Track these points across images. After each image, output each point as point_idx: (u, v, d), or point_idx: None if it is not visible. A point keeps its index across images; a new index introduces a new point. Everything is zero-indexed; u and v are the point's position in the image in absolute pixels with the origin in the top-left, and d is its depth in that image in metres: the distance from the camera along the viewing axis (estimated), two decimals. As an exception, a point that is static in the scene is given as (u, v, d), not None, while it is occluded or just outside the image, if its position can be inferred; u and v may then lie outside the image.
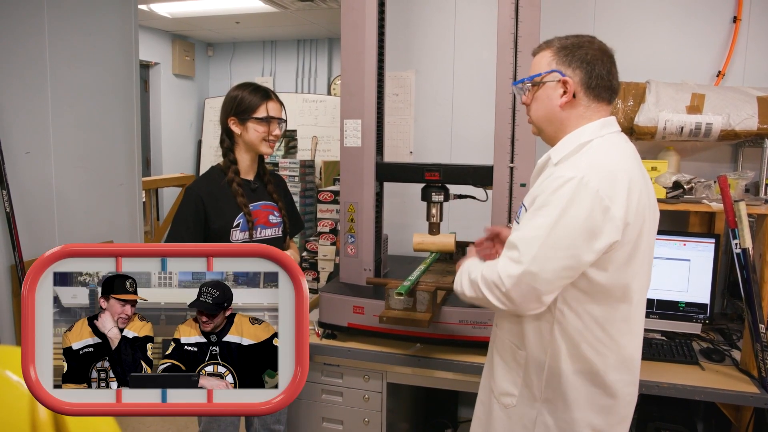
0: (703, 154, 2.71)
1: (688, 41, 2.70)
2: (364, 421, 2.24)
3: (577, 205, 1.33)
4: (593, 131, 1.45)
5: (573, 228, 1.33)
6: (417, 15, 3.02)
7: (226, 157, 2.03)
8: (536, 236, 1.36)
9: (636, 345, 1.51)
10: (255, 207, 2.04)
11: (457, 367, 2.11)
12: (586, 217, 1.33)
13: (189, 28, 6.07)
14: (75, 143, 3.11)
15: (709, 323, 2.32)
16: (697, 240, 2.32)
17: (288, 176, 4.64)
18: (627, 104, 2.51)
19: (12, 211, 2.67)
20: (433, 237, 2.29)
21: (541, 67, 1.48)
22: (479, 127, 2.87)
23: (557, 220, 1.34)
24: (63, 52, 2.99)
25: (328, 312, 2.25)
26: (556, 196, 1.35)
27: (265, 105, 2.00)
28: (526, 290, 1.36)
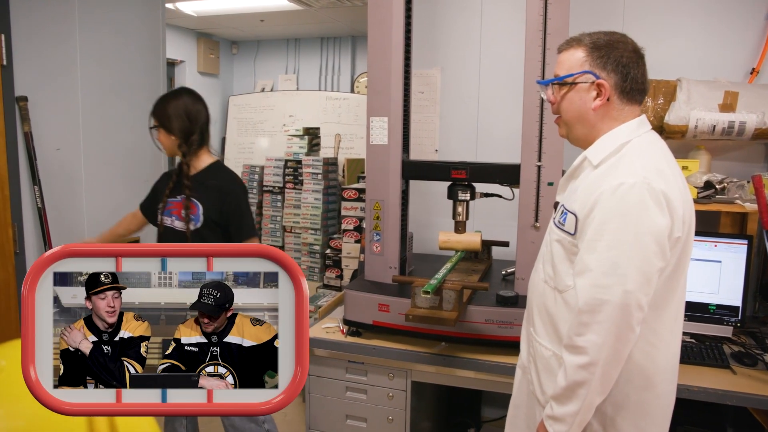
0: (735, 153, 2.66)
1: (721, 38, 2.64)
2: (387, 419, 2.24)
3: (648, 209, 1.30)
4: (631, 131, 1.43)
5: (654, 233, 1.30)
6: (443, 12, 3.00)
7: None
8: (620, 252, 1.30)
9: (679, 343, 1.50)
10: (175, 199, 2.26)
11: (481, 367, 2.09)
12: (660, 219, 1.30)
13: (214, 26, 6.12)
14: (104, 140, 3.15)
15: (741, 326, 2.28)
16: (729, 241, 2.27)
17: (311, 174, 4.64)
18: (657, 102, 2.47)
19: (43, 206, 2.72)
20: (458, 235, 2.28)
21: (572, 66, 1.45)
22: (505, 125, 2.84)
23: (636, 230, 1.30)
24: (93, 51, 3.03)
25: (354, 310, 2.25)
26: (623, 205, 1.31)
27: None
28: (632, 310, 1.29)
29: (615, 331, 1.30)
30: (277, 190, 5.14)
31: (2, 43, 2.52)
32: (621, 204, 1.31)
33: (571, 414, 1.35)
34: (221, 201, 2.20)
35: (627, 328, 1.30)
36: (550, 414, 1.39)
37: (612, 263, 1.30)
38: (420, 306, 2.03)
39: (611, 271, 1.30)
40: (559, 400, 1.37)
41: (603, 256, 1.31)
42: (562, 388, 1.36)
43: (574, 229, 1.42)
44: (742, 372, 2.04)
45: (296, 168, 4.87)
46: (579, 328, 1.33)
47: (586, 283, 1.33)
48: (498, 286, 2.34)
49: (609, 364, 1.32)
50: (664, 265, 1.33)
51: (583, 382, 1.33)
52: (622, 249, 1.30)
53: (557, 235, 1.49)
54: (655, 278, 1.33)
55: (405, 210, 2.39)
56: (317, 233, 4.53)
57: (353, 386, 2.28)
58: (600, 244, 1.32)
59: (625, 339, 1.31)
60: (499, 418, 3.04)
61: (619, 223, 1.31)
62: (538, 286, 1.57)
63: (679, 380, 1.91)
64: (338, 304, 2.64)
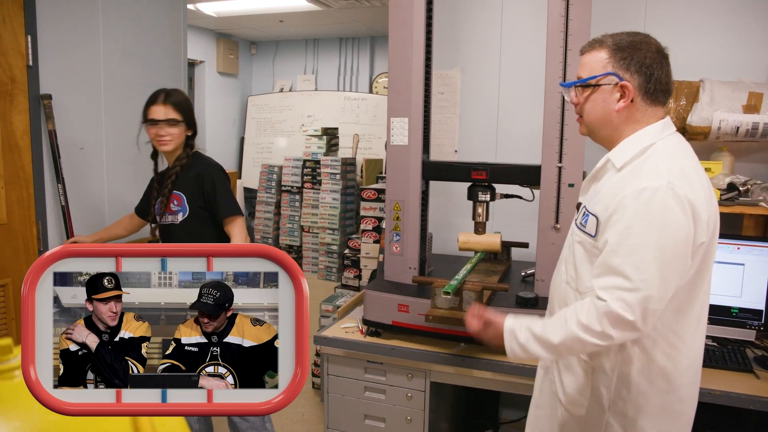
0: (758, 155, 2.62)
1: (744, 38, 2.61)
2: (406, 420, 2.24)
3: (672, 214, 1.29)
4: (655, 134, 1.42)
5: (675, 239, 1.30)
6: (463, 12, 3.00)
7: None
8: (642, 257, 1.29)
9: (702, 346, 1.49)
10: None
11: (500, 368, 2.09)
12: (683, 224, 1.30)
13: (233, 26, 6.17)
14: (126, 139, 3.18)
15: (764, 330, 2.25)
16: (753, 244, 2.24)
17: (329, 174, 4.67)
18: (679, 103, 2.44)
19: (67, 204, 2.76)
20: (478, 236, 2.28)
21: (595, 68, 1.44)
22: (525, 126, 2.83)
23: (658, 235, 1.29)
24: (116, 51, 3.08)
25: (373, 310, 2.26)
26: (647, 209, 1.30)
27: (151, 109, 2.23)
28: (650, 314, 1.30)
29: (625, 334, 1.33)
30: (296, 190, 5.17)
31: (29, 44, 2.57)
32: (645, 209, 1.30)
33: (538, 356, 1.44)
34: (201, 186, 2.28)
35: (636, 331, 1.32)
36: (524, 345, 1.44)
37: (634, 267, 1.29)
38: (440, 306, 2.03)
39: (633, 276, 1.29)
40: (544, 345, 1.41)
41: (625, 261, 1.31)
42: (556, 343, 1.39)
43: (595, 231, 1.41)
44: (765, 376, 2.02)
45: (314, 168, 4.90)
46: (593, 324, 1.32)
47: (608, 285, 1.33)
48: (517, 287, 2.33)
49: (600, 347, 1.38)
50: (685, 268, 1.32)
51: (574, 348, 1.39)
52: (644, 254, 1.29)
53: (579, 237, 1.48)
54: (675, 284, 1.32)
55: (425, 210, 2.39)
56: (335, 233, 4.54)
57: (372, 386, 2.28)
58: (622, 248, 1.32)
59: (628, 338, 1.36)
60: (517, 420, 3.04)
61: (643, 227, 1.30)
62: (560, 287, 1.57)
63: (702, 384, 1.90)
64: (357, 304, 2.65)
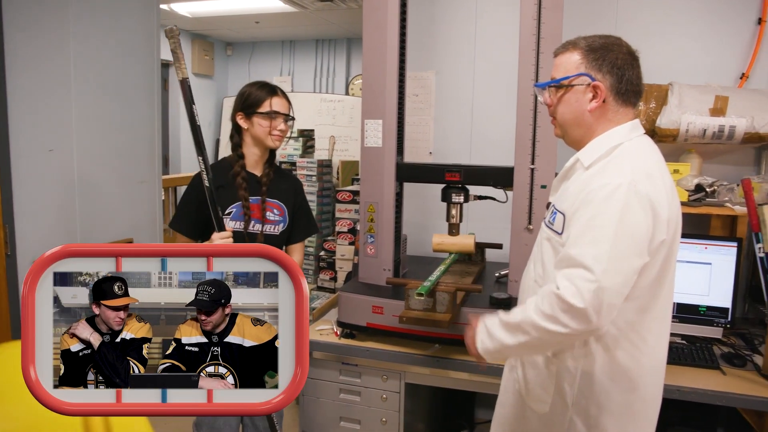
0: (725, 156, 2.68)
1: (712, 43, 2.67)
2: (381, 421, 2.24)
3: (632, 210, 1.32)
4: (623, 134, 1.45)
5: (633, 234, 1.32)
6: (438, 15, 3.02)
7: (235, 152, 2.11)
8: (601, 250, 1.31)
9: (665, 346, 1.51)
10: (254, 201, 2.09)
11: (475, 369, 2.10)
12: (642, 221, 1.32)
13: (209, 27, 6.12)
14: (97, 141, 3.14)
15: (731, 328, 2.30)
16: (719, 243, 2.29)
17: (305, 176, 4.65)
18: (649, 106, 2.49)
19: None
20: (452, 238, 2.29)
21: (568, 69, 1.46)
22: (499, 128, 2.86)
23: (617, 229, 1.31)
24: (87, 51, 3.03)
25: (347, 312, 2.26)
26: (609, 204, 1.32)
27: (270, 100, 2.07)
28: (605, 307, 1.29)
29: (581, 325, 1.30)
30: (272, 192, 5.13)
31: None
32: (606, 204, 1.33)
33: (503, 344, 1.42)
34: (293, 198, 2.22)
35: (594, 323, 1.30)
36: (491, 333, 1.45)
37: (592, 259, 1.30)
38: (414, 308, 2.04)
39: (591, 267, 1.30)
40: (507, 327, 1.42)
41: (584, 251, 1.32)
42: (516, 323, 1.40)
43: (562, 228, 1.44)
44: (731, 373, 2.06)
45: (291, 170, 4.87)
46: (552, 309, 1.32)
47: (566, 275, 1.34)
48: (491, 288, 2.35)
49: (561, 344, 1.41)
50: (641, 263, 1.34)
51: (532, 336, 1.37)
52: (602, 247, 1.31)
53: (547, 234, 1.51)
54: (632, 279, 1.34)
55: (399, 212, 2.40)
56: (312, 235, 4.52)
57: (347, 388, 2.28)
58: (582, 240, 1.34)
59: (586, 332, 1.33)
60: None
61: (603, 221, 1.32)
62: (529, 285, 1.59)
63: (670, 381, 1.94)
64: (332, 306, 2.65)
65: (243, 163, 2.09)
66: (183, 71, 1.81)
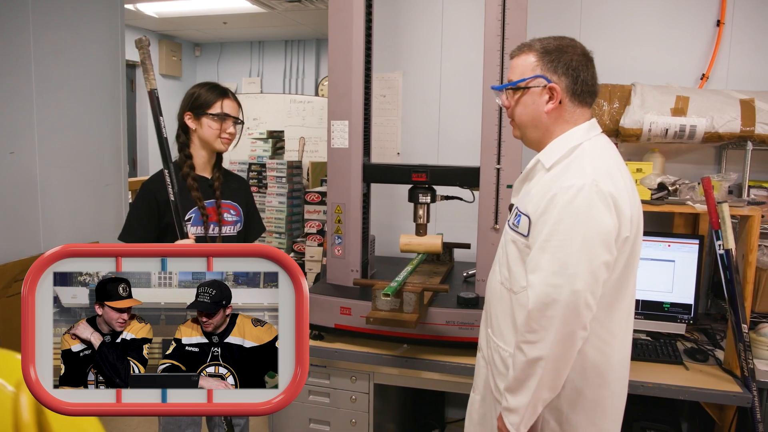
0: (687, 156, 2.74)
1: (673, 44, 2.73)
2: (351, 422, 2.24)
3: (596, 208, 1.34)
4: (582, 134, 1.47)
5: (600, 233, 1.34)
6: (404, 16, 3.02)
7: (182, 153, 2.06)
8: (569, 252, 1.33)
9: (630, 340, 1.54)
10: (210, 204, 2.05)
11: (444, 368, 2.11)
12: (607, 218, 1.34)
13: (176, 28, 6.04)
14: (60, 143, 3.08)
15: (693, 323, 2.35)
16: (682, 241, 2.34)
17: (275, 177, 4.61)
18: (613, 106, 2.53)
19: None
20: (420, 238, 2.30)
21: (524, 71, 1.48)
22: (467, 129, 2.87)
23: (585, 229, 1.33)
24: (48, 51, 2.96)
25: (315, 313, 2.25)
26: (573, 206, 1.34)
27: (221, 102, 2.03)
28: (581, 309, 1.32)
29: (564, 329, 1.33)
30: (241, 194, 5.08)
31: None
32: (571, 206, 1.35)
33: (523, 405, 1.38)
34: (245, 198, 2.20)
35: (576, 326, 1.33)
36: (506, 406, 1.43)
37: (562, 263, 1.33)
38: (381, 308, 2.03)
39: (561, 271, 1.33)
40: (511, 391, 1.41)
41: (554, 256, 1.35)
42: (513, 380, 1.40)
43: (527, 231, 1.45)
44: (694, 368, 2.11)
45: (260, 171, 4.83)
46: (530, 324, 1.36)
47: (537, 281, 1.36)
48: (459, 287, 2.36)
49: (558, 361, 1.36)
50: (611, 260, 1.36)
51: (531, 375, 1.36)
52: (571, 249, 1.33)
53: (512, 236, 1.52)
54: (603, 277, 1.36)
55: (366, 213, 2.40)
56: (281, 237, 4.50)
57: (316, 390, 2.27)
58: (550, 244, 1.36)
59: (574, 337, 1.34)
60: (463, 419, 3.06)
61: (569, 223, 1.34)
62: (495, 287, 1.59)
63: (635, 377, 1.98)
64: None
65: (192, 163, 2.04)
66: (152, 82, 1.78)
